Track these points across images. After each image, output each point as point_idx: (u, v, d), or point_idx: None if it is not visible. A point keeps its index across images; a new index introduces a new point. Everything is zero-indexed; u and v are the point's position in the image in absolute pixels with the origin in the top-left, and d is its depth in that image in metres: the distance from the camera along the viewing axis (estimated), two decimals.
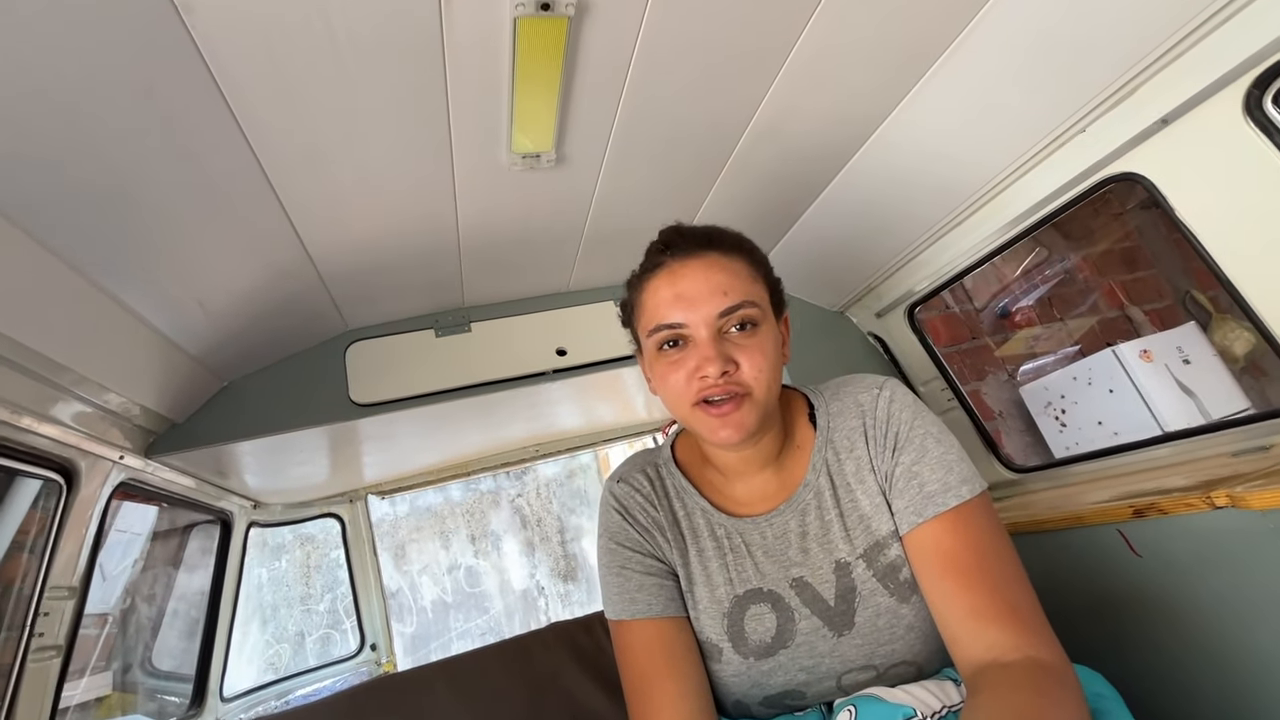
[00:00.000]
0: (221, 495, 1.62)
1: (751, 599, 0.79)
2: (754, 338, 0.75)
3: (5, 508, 1.24)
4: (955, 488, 0.71)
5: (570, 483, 5.55)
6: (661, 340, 0.77)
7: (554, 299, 1.53)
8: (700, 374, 0.73)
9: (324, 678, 1.94)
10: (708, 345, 0.73)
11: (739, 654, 0.78)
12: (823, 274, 1.58)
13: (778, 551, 0.79)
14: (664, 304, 0.76)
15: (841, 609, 0.76)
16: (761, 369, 0.73)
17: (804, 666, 0.76)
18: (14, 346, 0.83)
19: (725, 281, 0.75)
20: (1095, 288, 3.15)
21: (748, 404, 0.73)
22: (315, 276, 1.16)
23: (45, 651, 1.01)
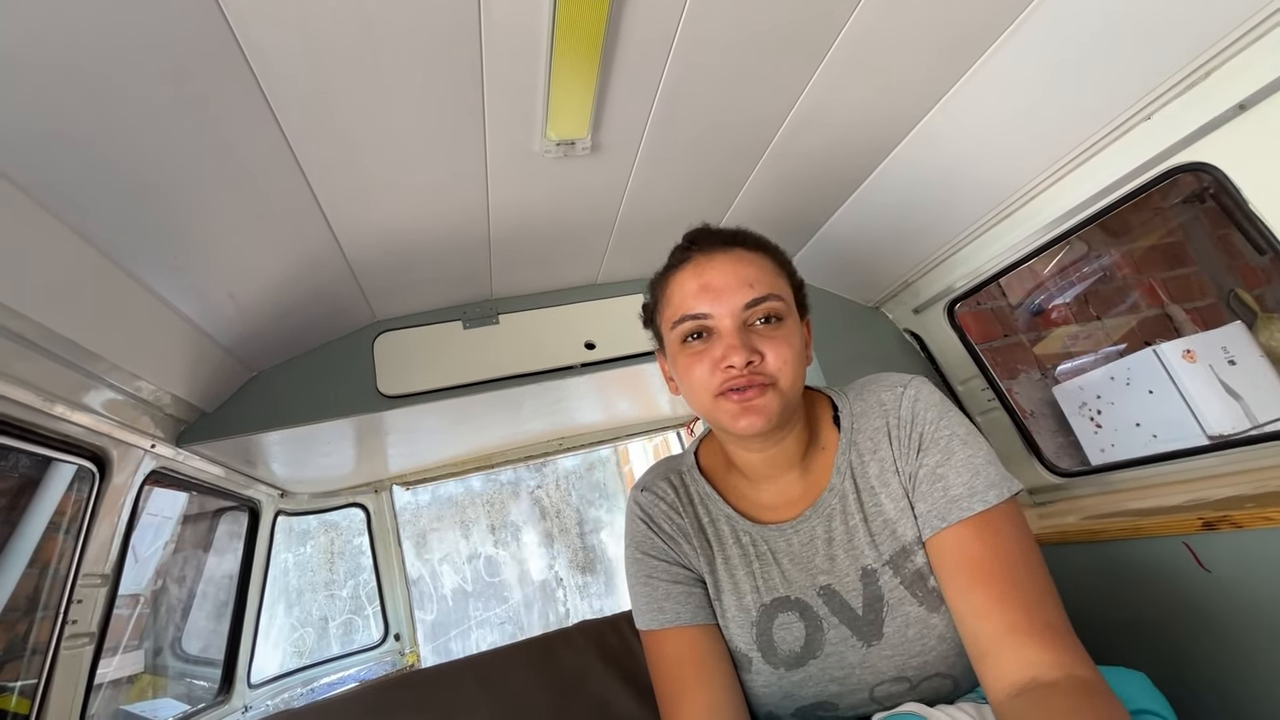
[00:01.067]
0: (250, 484, 1.63)
1: (779, 607, 0.77)
2: (779, 330, 0.74)
3: (41, 491, 1.25)
4: (981, 492, 0.69)
5: (589, 475, 5.55)
6: (686, 332, 0.76)
7: (583, 291, 1.50)
8: (725, 363, 0.72)
9: (348, 666, 1.95)
10: (733, 335, 0.73)
11: (769, 664, 0.76)
12: (858, 268, 1.53)
13: (804, 559, 0.78)
14: (690, 295, 0.76)
15: (870, 618, 0.73)
16: (787, 360, 0.73)
17: (834, 678, 0.74)
18: (46, 334, 0.82)
19: (751, 274, 0.75)
20: (1134, 285, 3.05)
21: (771, 393, 0.72)
22: (345, 267, 1.14)
23: (78, 639, 1.02)
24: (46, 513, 1.24)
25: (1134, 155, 0.99)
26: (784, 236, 1.47)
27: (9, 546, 1.21)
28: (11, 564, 1.19)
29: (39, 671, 0.95)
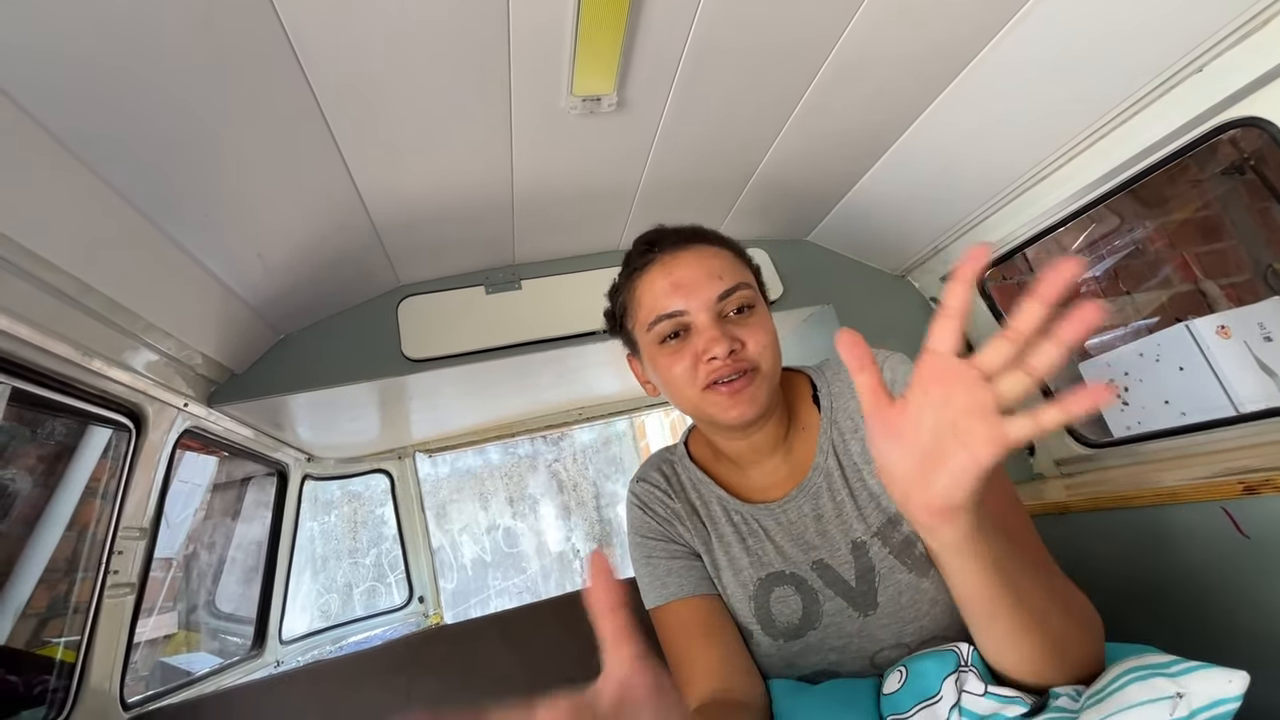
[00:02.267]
0: (278, 447, 1.66)
1: (775, 581, 0.79)
2: (754, 318, 0.75)
3: (78, 455, 1.29)
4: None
5: (606, 450, 5.59)
6: (664, 332, 0.76)
7: (605, 257, 1.49)
8: (707, 356, 0.73)
9: (375, 626, 2.00)
10: (710, 327, 0.73)
11: (769, 635, 0.77)
12: (885, 235, 1.51)
13: (796, 535, 0.79)
14: (661, 295, 0.76)
15: (863, 589, 0.75)
16: (765, 345, 0.74)
17: (834, 647, 0.75)
18: (85, 289, 0.84)
19: (718, 266, 0.76)
20: (1167, 260, 2.96)
21: (758, 379, 0.74)
22: (370, 230, 1.15)
23: (120, 588, 1.06)
24: (83, 478, 1.28)
25: (1182, 110, 0.95)
26: (808, 204, 1.45)
27: (49, 510, 1.25)
28: (51, 527, 1.23)
29: (84, 620, 0.99)
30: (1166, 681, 0.51)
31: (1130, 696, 0.52)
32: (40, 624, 1.16)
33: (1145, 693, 0.51)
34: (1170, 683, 0.51)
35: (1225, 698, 0.49)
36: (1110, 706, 0.52)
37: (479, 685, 1.05)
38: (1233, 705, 0.49)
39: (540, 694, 1.03)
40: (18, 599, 1.14)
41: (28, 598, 1.16)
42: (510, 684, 1.05)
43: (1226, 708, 0.49)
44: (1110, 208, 2.80)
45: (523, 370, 1.56)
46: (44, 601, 1.19)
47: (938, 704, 0.58)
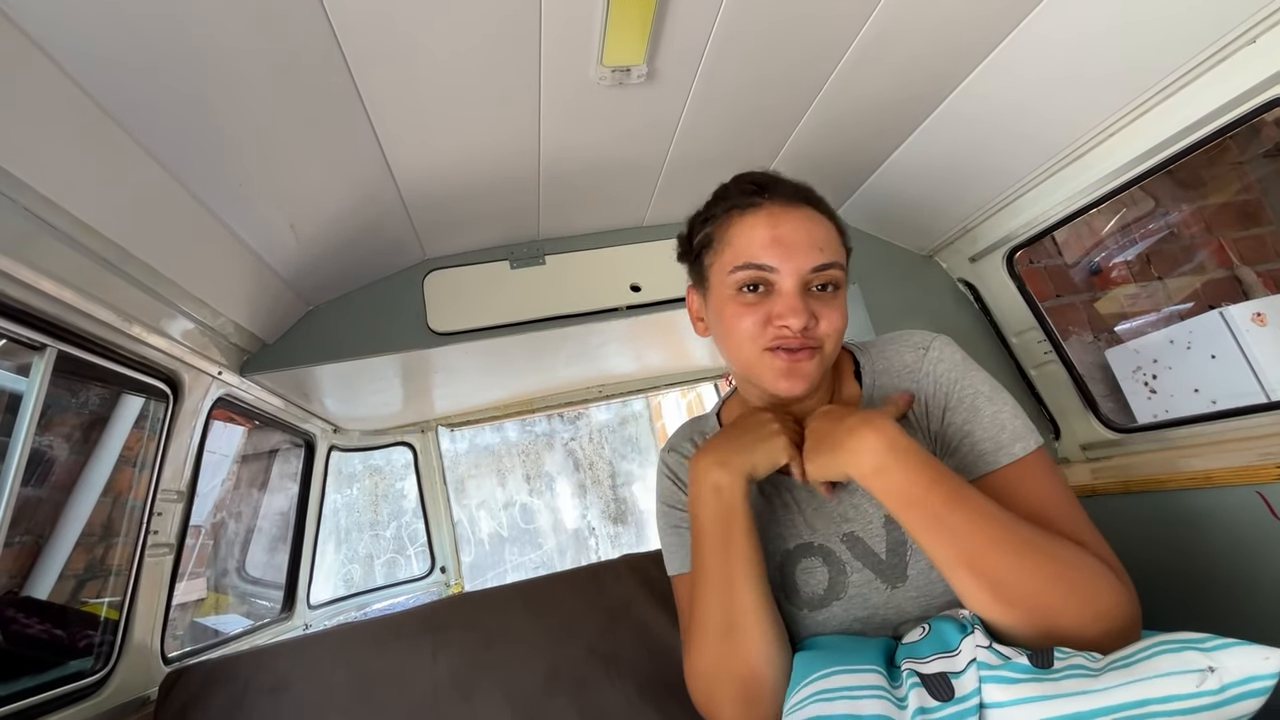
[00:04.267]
0: (306, 418, 1.70)
1: (802, 553, 0.79)
2: (835, 299, 0.75)
3: (113, 424, 1.33)
4: (1007, 446, 0.70)
5: (622, 430, 5.62)
6: (745, 280, 0.74)
7: (629, 233, 1.49)
8: (780, 322, 0.72)
9: (398, 594, 2.06)
10: (794, 297, 0.72)
11: (792, 605, 0.78)
12: (913, 214, 1.48)
13: (828, 508, 0.79)
14: (759, 244, 0.74)
15: (893, 562, 0.74)
16: (837, 329, 0.74)
17: (858, 618, 0.75)
18: (124, 256, 0.85)
19: (822, 238, 0.74)
20: (1202, 244, 2.88)
21: (817, 358, 0.73)
22: (398, 201, 1.15)
23: (159, 548, 1.09)
24: (117, 446, 1.32)
25: (1231, 84, 0.92)
26: (835, 181, 1.43)
27: (86, 476, 1.29)
28: (87, 492, 1.28)
29: (126, 578, 1.02)
30: (1199, 655, 0.51)
31: (1159, 666, 0.52)
32: (79, 585, 1.21)
33: (1175, 664, 0.51)
34: (1203, 656, 0.51)
35: (1260, 674, 0.49)
36: (1137, 673, 0.52)
37: (502, 651, 1.08)
38: (1268, 683, 0.49)
39: (562, 661, 1.05)
40: (57, 560, 1.19)
41: (66, 559, 1.21)
42: (532, 651, 1.08)
43: (1261, 684, 0.49)
44: (1145, 189, 2.72)
45: (545, 346, 1.57)
46: (81, 563, 1.23)
47: (956, 657, 0.60)
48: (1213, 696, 0.50)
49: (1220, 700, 0.49)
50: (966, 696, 0.57)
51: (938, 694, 0.58)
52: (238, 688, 1.02)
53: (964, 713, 0.56)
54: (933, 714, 0.57)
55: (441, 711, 1.01)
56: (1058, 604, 0.59)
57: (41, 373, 0.82)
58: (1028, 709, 0.54)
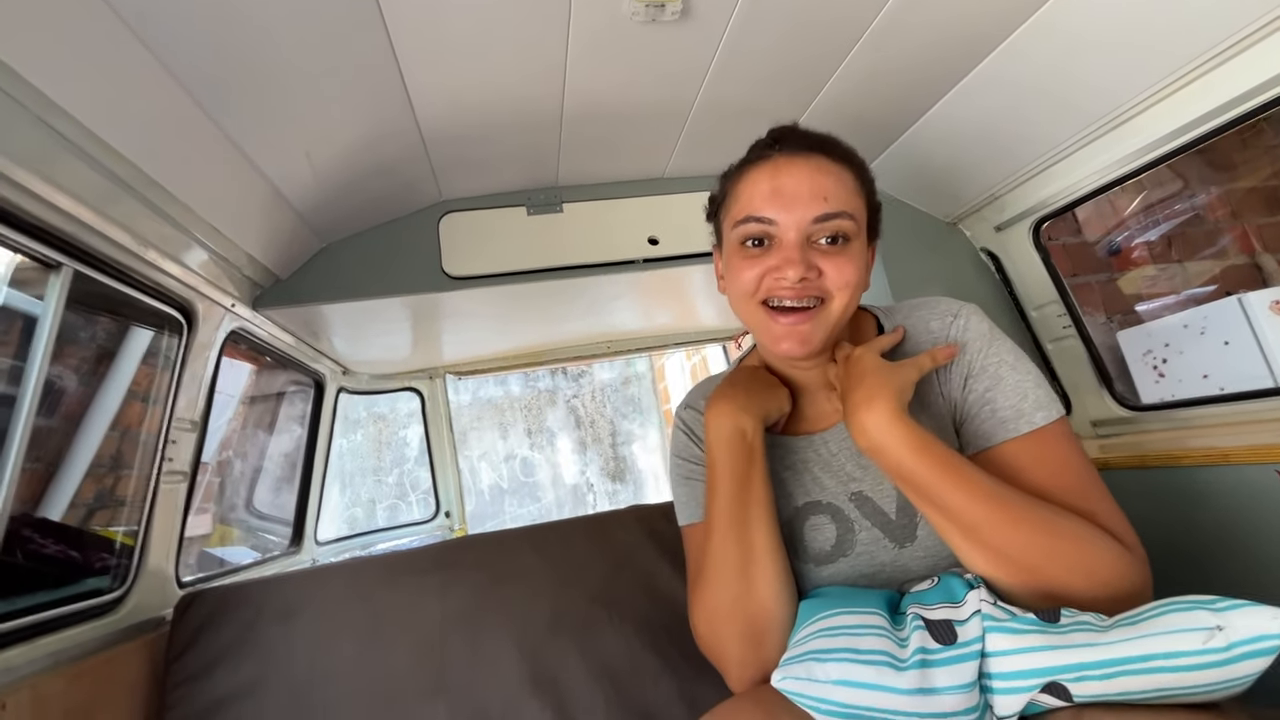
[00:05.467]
0: (317, 358, 1.70)
1: (810, 510, 0.79)
2: (844, 251, 0.72)
3: (122, 356, 1.33)
4: (1029, 414, 0.70)
5: (624, 389, 5.64)
6: (747, 234, 0.74)
7: (649, 185, 1.46)
8: (777, 274, 0.71)
9: (403, 535, 2.10)
10: (793, 248, 0.70)
11: (799, 560, 0.79)
12: (941, 179, 1.45)
13: (836, 467, 0.79)
14: (759, 196, 0.73)
15: (902, 522, 0.75)
16: (847, 282, 0.71)
17: (864, 574, 0.76)
18: (143, 179, 0.84)
19: (828, 187, 0.71)
20: (1226, 229, 2.82)
21: (820, 316, 0.72)
22: (417, 137, 1.12)
23: (174, 475, 1.10)
24: (126, 379, 1.32)
25: None
26: (862, 142, 1.39)
27: (96, 406, 1.29)
28: (98, 423, 1.28)
29: (141, 505, 1.04)
30: (1208, 614, 0.52)
31: (1167, 623, 0.53)
32: (89, 512, 1.22)
33: (1183, 621, 0.52)
34: (1212, 615, 0.52)
35: (1269, 634, 0.50)
36: (1144, 629, 0.53)
37: (508, 592, 1.10)
38: (1275, 642, 0.50)
39: (566, 604, 1.08)
40: (69, 487, 1.21)
41: (77, 487, 1.22)
42: (538, 593, 1.10)
43: (1269, 644, 0.50)
44: (1173, 168, 2.65)
45: (558, 296, 1.56)
46: (92, 492, 1.25)
47: (961, 607, 0.61)
48: (1219, 654, 0.50)
49: (1226, 658, 0.50)
50: (968, 643, 0.58)
51: (940, 638, 0.59)
52: (250, 612, 1.04)
53: (964, 657, 0.58)
54: (934, 655, 0.58)
55: (449, 644, 1.04)
56: (1058, 574, 0.60)
57: (57, 294, 0.82)
58: (1031, 657, 0.55)
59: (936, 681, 0.57)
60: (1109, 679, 0.52)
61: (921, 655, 0.58)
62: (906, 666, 0.58)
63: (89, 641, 0.89)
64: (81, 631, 0.89)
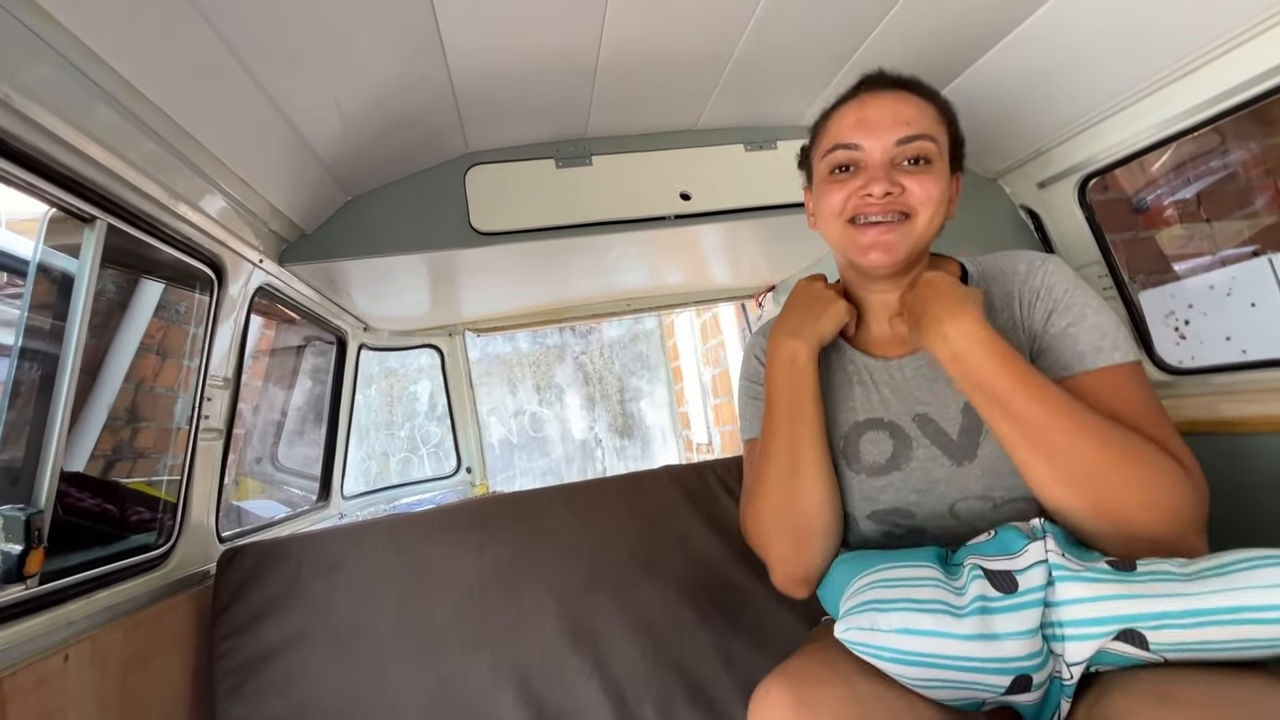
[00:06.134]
0: (339, 314, 1.68)
1: (870, 426, 0.82)
2: (927, 170, 0.76)
3: (142, 313, 1.31)
4: (1107, 351, 0.73)
5: (633, 346, 5.63)
6: (835, 162, 0.79)
7: (680, 137, 1.41)
8: (864, 191, 0.76)
9: (427, 490, 2.12)
10: (878, 168, 0.76)
11: (850, 470, 0.82)
12: (986, 132, 1.39)
13: (905, 391, 0.82)
14: (846, 127, 0.79)
15: (964, 443, 0.77)
16: (930, 197, 0.75)
17: (916, 488, 0.79)
18: (170, 125, 0.80)
19: (910, 114, 0.77)
20: (1260, 189, 2.74)
21: (905, 229, 0.76)
22: (447, 84, 1.07)
23: (210, 433, 1.10)
24: (138, 332, 1.31)
25: None
26: None
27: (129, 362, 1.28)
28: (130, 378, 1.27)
29: (183, 461, 1.04)
30: None
31: (1260, 578, 0.53)
32: (130, 471, 1.22)
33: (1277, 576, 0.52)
34: None
35: None
36: (1234, 581, 0.53)
37: (545, 548, 1.11)
38: None
39: (603, 561, 1.10)
40: (111, 447, 1.21)
41: (119, 445, 1.22)
42: (575, 550, 1.11)
43: None
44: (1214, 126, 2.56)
45: (585, 252, 1.52)
46: (132, 450, 1.25)
47: (1020, 557, 0.62)
48: None
49: None
50: (1029, 590, 0.59)
51: (1001, 586, 0.60)
52: (291, 567, 1.06)
53: (1025, 604, 0.58)
54: (994, 602, 0.59)
55: (489, 599, 1.05)
56: (1116, 488, 0.62)
57: (93, 248, 0.79)
58: (1107, 605, 0.56)
59: (997, 628, 0.58)
60: (1194, 628, 0.53)
61: (981, 603, 0.59)
62: (966, 613, 0.59)
63: (140, 595, 0.91)
64: (133, 586, 0.90)
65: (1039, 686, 0.59)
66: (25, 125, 0.65)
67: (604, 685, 0.99)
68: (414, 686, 0.98)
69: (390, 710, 0.96)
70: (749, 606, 1.08)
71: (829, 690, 0.59)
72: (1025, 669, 0.58)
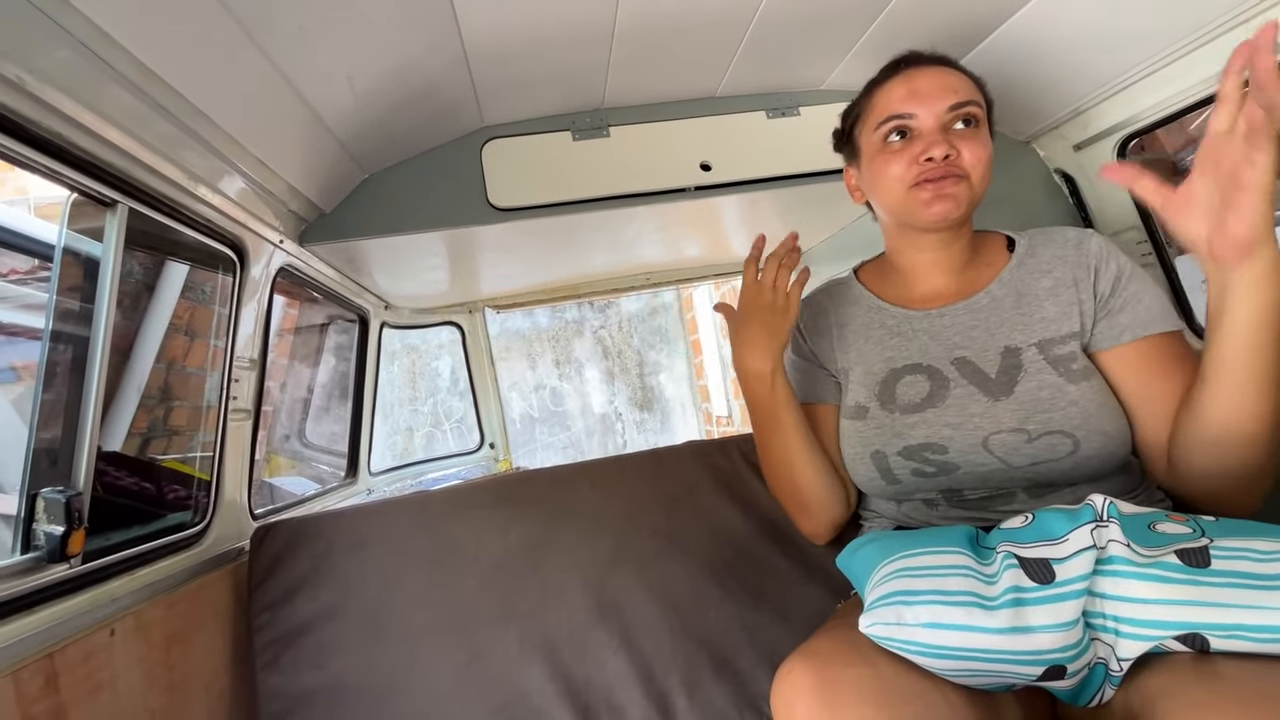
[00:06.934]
0: (360, 293, 1.68)
1: (908, 370, 0.85)
2: (977, 133, 0.82)
3: (168, 296, 1.32)
4: (1172, 318, 0.79)
5: (651, 320, 5.60)
6: (889, 131, 0.83)
7: (700, 105, 1.37)
8: (924, 156, 0.79)
9: (452, 465, 2.15)
10: (935, 133, 0.80)
11: (885, 410, 0.84)
12: (1021, 91, 1.33)
13: (945, 338, 0.85)
14: (896, 99, 0.83)
15: (1002, 380, 0.80)
16: (981, 159, 0.80)
17: (950, 423, 0.80)
18: (184, 105, 0.79)
19: (956, 84, 0.82)
20: None
21: (964, 185, 0.80)
22: (460, 54, 1.05)
23: (239, 413, 1.12)
24: (166, 314, 1.32)
25: None
26: (940, 47, 1.29)
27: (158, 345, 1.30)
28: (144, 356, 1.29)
29: (214, 442, 1.06)
30: None
31: None
32: (164, 450, 1.25)
33: None
34: None
35: None
36: None
37: (570, 525, 1.12)
38: None
39: (627, 538, 1.11)
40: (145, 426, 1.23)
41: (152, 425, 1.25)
42: (598, 527, 1.12)
43: None
44: None
45: (604, 226, 1.50)
46: (165, 431, 1.28)
47: (1062, 544, 0.59)
48: None
49: None
50: (1068, 581, 0.57)
51: (1037, 576, 0.58)
52: (322, 544, 1.08)
53: (1063, 596, 0.56)
54: (1028, 593, 0.57)
55: (516, 576, 1.07)
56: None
57: (116, 232, 0.80)
58: (1177, 610, 0.53)
59: (1031, 620, 0.56)
60: (1269, 643, 0.51)
61: (1015, 594, 0.57)
62: (997, 606, 0.57)
63: (179, 572, 0.94)
64: (172, 563, 0.93)
65: (1074, 675, 0.57)
66: (42, 109, 0.65)
67: (631, 658, 1.00)
68: (444, 660, 1.00)
69: (423, 683, 0.99)
70: (773, 580, 1.08)
71: (852, 670, 0.59)
72: (1060, 660, 0.56)
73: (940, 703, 0.57)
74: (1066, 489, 0.78)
